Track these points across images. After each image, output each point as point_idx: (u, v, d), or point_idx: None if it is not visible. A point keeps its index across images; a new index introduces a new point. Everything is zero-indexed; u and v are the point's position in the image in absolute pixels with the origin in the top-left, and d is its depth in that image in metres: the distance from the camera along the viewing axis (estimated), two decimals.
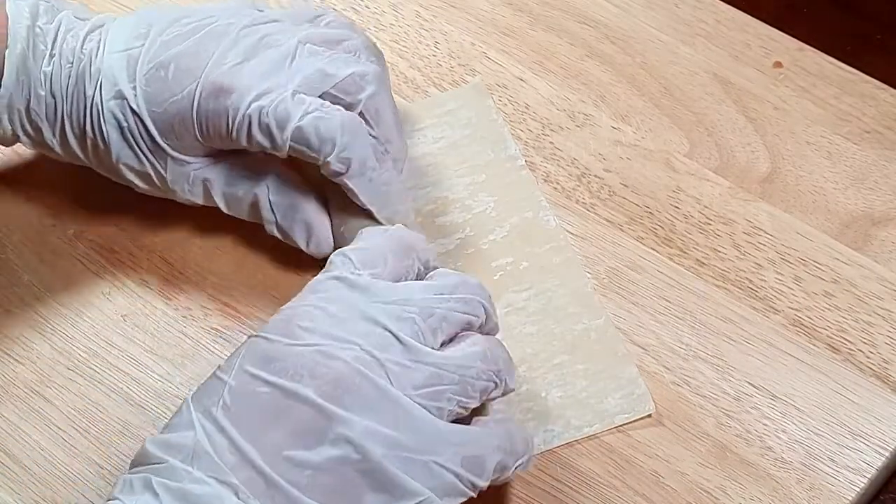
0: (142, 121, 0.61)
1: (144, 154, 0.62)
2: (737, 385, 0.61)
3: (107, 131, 0.61)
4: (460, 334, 0.55)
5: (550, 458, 0.59)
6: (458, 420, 0.53)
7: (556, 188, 0.68)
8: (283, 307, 0.54)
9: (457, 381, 0.52)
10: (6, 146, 0.66)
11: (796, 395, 0.60)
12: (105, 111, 0.61)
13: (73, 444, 0.60)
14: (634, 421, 0.60)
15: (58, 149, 0.63)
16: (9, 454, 0.60)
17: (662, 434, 0.59)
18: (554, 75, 0.72)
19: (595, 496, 0.58)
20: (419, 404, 0.51)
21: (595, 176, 0.68)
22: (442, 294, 0.54)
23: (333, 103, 0.60)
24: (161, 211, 0.67)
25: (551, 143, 0.70)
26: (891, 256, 0.65)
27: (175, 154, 0.61)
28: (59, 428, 0.61)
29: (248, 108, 0.59)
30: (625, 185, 0.68)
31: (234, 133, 0.60)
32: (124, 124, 0.61)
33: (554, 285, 0.64)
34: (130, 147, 0.61)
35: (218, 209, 0.64)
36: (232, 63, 0.60)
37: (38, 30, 0.61)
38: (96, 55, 0.61)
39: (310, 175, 0.64)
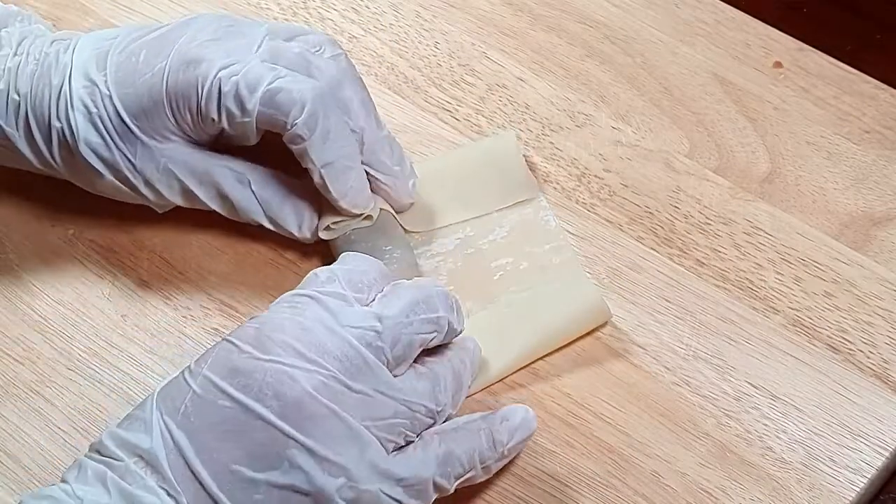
0: (112, 103, 0.61)
1: (112, 139, 0.61)
2: (737, 385, 0.61)
3: (74, 117, 0.61)
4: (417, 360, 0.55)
5: (550, 458, 0.59)
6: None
7: (556, 188, 0.68)
8: (258, 315, 0.54)
9: (409, 417, 0.53)
10: None
11: (796, 395, 0.60)
12: (74, 98, 0.61)
13: (73, 444, 0.60)
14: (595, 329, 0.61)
15: (21, 145, 0.63)
16: (9, 454, 0.60)
17: (662, 434, 0.59)
18: (554, 75, 0.72)
19: (595, 496, 0.58)
20: (375, 436, 0.51)
21: (595, 176, 0.68)
22: (409, 317, 0.54)
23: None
24: None
25: (551, 143, 0.70)
26: (891, 256, 0.65)
27: (145, 137, 0.61)
28: (59, 428, 0.61)
29: (216, 75, 0.59)
30: (625, 185, 0.68)
31: (204, 102, 0.60)
32: (93, 109, 0.61)
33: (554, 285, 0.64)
34: (98, 131, 0.61)
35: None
36: (202, 40, 0.61)
37: (3, 33, 0.63)
38: (64, 52, 0.62)
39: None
